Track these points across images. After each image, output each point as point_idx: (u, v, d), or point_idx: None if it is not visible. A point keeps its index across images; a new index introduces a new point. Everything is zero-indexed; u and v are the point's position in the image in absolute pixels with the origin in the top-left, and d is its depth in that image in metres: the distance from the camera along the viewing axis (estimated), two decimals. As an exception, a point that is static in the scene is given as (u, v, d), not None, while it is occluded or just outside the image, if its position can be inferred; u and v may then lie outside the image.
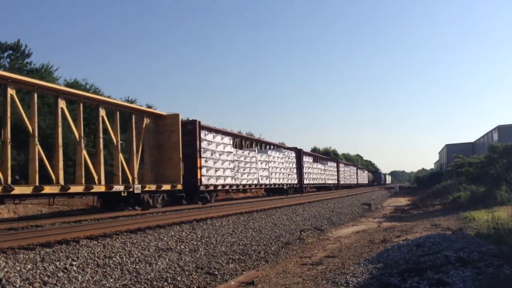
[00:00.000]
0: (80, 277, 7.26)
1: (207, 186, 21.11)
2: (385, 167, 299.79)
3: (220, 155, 22.68)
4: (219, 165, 22.51)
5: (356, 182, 70.30)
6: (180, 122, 19.30)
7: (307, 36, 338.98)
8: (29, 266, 7.12)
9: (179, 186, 18.72)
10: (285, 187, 33.92)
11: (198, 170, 20.12)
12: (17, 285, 6.42)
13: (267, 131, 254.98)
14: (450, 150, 65.84)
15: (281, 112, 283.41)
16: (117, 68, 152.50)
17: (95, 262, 8.06)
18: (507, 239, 8.34)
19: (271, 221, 16.13)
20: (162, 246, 10.02)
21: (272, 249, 11.94)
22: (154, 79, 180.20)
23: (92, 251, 8.55)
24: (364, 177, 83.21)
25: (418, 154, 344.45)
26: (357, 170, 74.39)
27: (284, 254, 11.45)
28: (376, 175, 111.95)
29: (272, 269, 9.42)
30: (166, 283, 7.88)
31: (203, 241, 11.30)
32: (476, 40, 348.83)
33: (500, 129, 48.94)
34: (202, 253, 10.31)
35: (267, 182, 30.08)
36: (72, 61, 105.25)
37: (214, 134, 22.47)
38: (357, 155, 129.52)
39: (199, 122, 20.93)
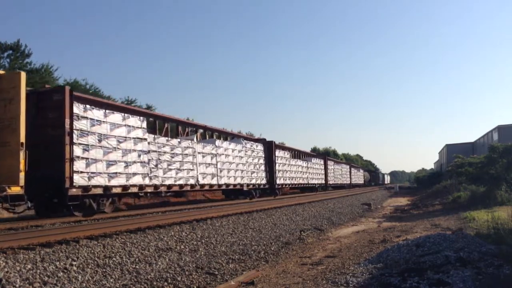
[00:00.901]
0: (80, 277, 7.26)
1: (87, 188, 14.13)
2: (385, 167, 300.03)
3: (119, 142, 15.76)
4: (115, 157, 15.52)
5: (349, 182, 64.31)
6: (23, 86, 11.77)
7: (307, 36, 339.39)
8: (29, 266, 7.12)
9: (16, 189, 11.25)
10: (245, 188, 26.71)
11: (67, 164, 13.44)
12: (17, 285, 6.42)
13: (267, 131, 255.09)
14: (450, 150, 65.87)
15: (281, 112, 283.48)
16: (117, 68, 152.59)
17: (95, 262, 8.06)
18: (507, 239, 8.34)
19: (271, 221, 16.14)
20: (162, 246, 10.02)
21: (272, 249, 11.94)
22: (154, 79, 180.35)
23: (92, 251, 8.55)
24: (359, 176, 76.88)
25: (418, 154, 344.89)
26: (350, 169, 67.40)
27: (284, 254, 11.45)
28: (373, 175, 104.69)
29: (272, 269, 9.43)
30: (166, 283, 7.88)
31: (203, 241, 11.30)
32: (476, 40, 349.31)
33: (500, 129, 48.94)
34: (202, 253, 10.31)
35: (215, 182, 22.87)
36: (72, 61, 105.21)
37: (106, 112, 15.43)
38: (357, 155, 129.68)
39: (70, 90, 14.21)
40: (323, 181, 47.50)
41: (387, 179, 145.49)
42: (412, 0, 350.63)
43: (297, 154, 41.86)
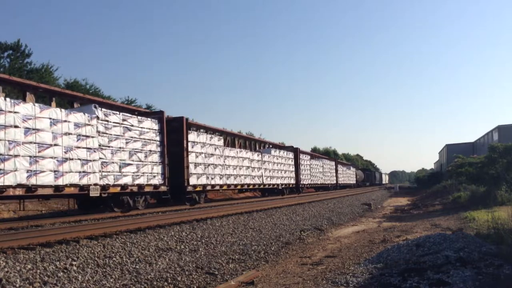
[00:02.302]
0: (80, 277, 7.26)
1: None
2: (385, 167, 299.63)
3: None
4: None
5: (335, 182, 51.90)
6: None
7: (307, 37, 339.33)
8: (29, 266, 7.12)
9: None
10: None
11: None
12: (17, 285, 6.42)
13: (267, 131, 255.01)
14: (450, 150, 65.89)
15: (281, 112, 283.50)
16: (117, 68, 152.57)
17: (95, 262, 8.06)
18: (507, 239, 8.33)
19: (271, 221, 16.13)
20: (162, 246, 10.02)
21: (272, 249, 11.94)
22: (154, 79, 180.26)
23: (92, 251, 8.55)
24: (349, 175, 65.28)
25: (418, 154, 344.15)
26: (336, 166, 54.22)
27: (284, 254, 11.45)
28: (368, 174, 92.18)
29: (272, 269, 9.43)
30: (166, 283, 7.88)
31: (203, 241, 11.30)
32: (476, 40, 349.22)
33: (500, 129, 48.94)
34: (202, 253, 10.31)
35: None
36: (72, 61, 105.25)
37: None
38: (357, 155, 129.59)
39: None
40: (293, 181, 36.42)
41: (385, 179, 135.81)
42: (412, 0, 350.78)
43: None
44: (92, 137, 14.24)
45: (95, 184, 14.08)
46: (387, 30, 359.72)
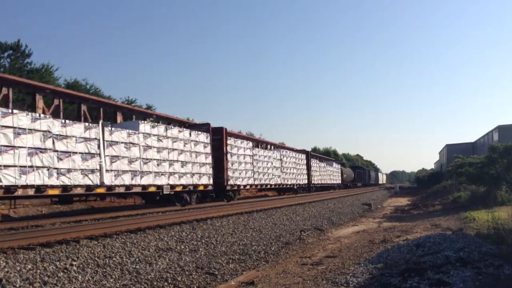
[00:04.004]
0: (80, 277, 7.27)
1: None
2: (385, 167, 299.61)
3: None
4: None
5: (305, 182, 39.69)
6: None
7: (307, 37, 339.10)
8: (29, 266, 7.12)
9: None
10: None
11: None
12: (17, 285, 6.42)
13: (267, 131, 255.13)
14: (450, 150, 65.91)
15: (281, 112, 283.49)
16: (117, 68, 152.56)
17: (95, 262, 8.07)
18: (507, 239, 8.33)
19: (271, 221, 16.14)
20: (162, 246, 10.02)
21: (272, 249, 11.94)
22: (154, 79, 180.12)
23: (92, 251, 8.55)
24: (331, 173, 51.37)
25: (418, 154, 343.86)
26: (308, 161, 41.05)
27: (284, 254, 11.45)
28: (360, 172, 78.60)
29: (272, 269, 9.42)
30: (166, 283, 7.88)
31: (203, 241, 11.30)
32: (477, 40, 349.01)
33: (501, 129, 48.94)
34: (202, 253, 10.31)
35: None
36: (73, 61, 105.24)
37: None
38: (357, 155, 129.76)
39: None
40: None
41: (383, 179, 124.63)
42: (412, 0, 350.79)
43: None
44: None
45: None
46: (387, 30, 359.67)
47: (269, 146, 38.51)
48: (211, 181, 21.89)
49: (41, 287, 6.57)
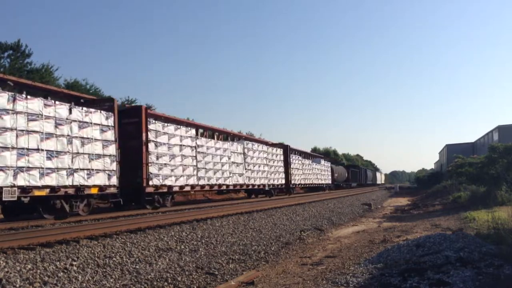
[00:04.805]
0: (80, 277, 7.27)
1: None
2: (385, 167, 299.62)
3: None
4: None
5: (283, 182, 33.27)
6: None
7: (307, 37, 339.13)
8: (29, 266, 7.12)
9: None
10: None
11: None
12: (17, 285, 6.42)
13: (267, 131, 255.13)
14: (450, 150, 65.89)
15: (281, 112, 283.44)
16: (118, 68, 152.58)
17: (95, 262, 8.07)
18: (507, 239, 8.33)
19: (271, 221, 16.14)
20: (162, 246, 10.02)
21: (272, 249, 11.94)
22: (154, 80, 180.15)
23: (92, 251, 8.55)
24: (320, 172, 45.87)
25: (418, 154, 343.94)
26: (287, 158, 34.66)
27: (284, 254, 11.45)
28: (354, 172, 72.27)
29: (272, 269, 9.42)
30: (166, 283, 7.88)
31: (203, 241, 11.30)
32: (477, 40, 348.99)
33: (501, 129, 48.95)
34: (202, 253, 10.31)
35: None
36: (73, 61, 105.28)
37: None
38: (357, 155, 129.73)
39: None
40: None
41: (381, 178, 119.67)
42: (412, 0, 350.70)
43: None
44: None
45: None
46: (387, 30, 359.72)
47: (231, 138, 29.02)
48: (114, 181, 15.57)
49: (41, 287, 6.57)
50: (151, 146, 17.60)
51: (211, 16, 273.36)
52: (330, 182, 51.03)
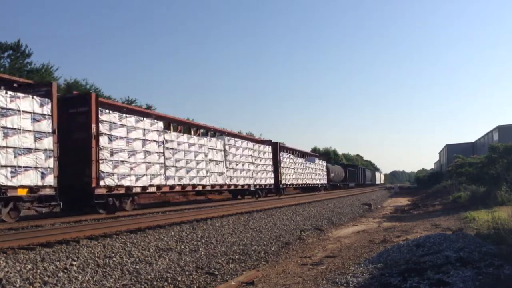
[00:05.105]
0: (80, 277, 7.27)
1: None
2: (385, 167, 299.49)
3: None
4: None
5: (272, 182, 31.05)
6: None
7: (307, 37, 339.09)
8: (29, 266, 7.12)
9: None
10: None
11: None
12: (17, 285, 6.42)
13: (267, 131, 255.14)
14: (450, 150, 65.88)
15: (281, 112, 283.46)
16: (118, 68, 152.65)
17: (95, 262, 8.07)
18: (507, 239, 8.33)
19: (271, 221, 16.14)
20: (162, 246, 10.02)
21: (272, 249, 11.94)
22: (154, 80, 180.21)
23: (92, 251, 8.55)
24: (315, 172, 43.79)
25: (418, 154, 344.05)
26: (277, 156, 32.39)
27: (284, 254, 11.45)
28: (352, 171, 69.36)
29: (272, 269, 9.43)
30: (166, 283, 7.88)
31: (203, 241, 11.30)
32: (476, 40, 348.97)
33: (501, 129, 48.95)
34: (202, 253, 10.31)
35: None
36: (73, 61, 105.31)
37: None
38: (357, 155, 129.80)
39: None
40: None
41: (380, 178, 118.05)
42: (412, 0, 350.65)
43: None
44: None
45: None
46: (387, 30, 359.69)
47: (212, 134, 26.27)
48: (50, 181, 12.87)
49: (41, 287, 6.57)
50: (103, 140, 14.95)
51: (211, 16, 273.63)
52: (325, 182, 48.88)
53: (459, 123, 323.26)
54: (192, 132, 23.54)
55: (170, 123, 21.60)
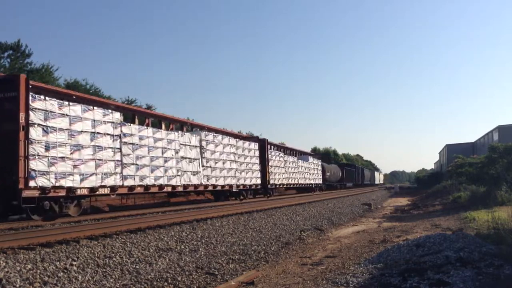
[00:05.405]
0: (80, 277, 7.26)
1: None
2: (385, 167, 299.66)
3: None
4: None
5: (258, 182, 28.48)
6: None
7: (307, 37, 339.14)
8: (29, 266, 7.12)
9: None
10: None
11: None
12: (17, 285, 6.42)
13: (267, 131, 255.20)
14: (450, 150, 65.93)
15: (281, 112, 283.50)
16: (117, 68, 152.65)
17: (95, 262, 8.07)
18: (507, 239, 8.33)
19: (271, 221, 16.14)
20: (162, 246, 10.02)
21: (272, 249, 11.94)
22: (154, 80, 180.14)
23: (92, 251, 8.55)
24: (308, 171, 41.28)
25: (418, 154, 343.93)
26: (264, 153, 29.97)
27: (284, 254, 11.45)
28: (350, 171, 66.49)
29: (272, 269, 9.43)
30: (166, 283, 7.88)
31: (203, 241, 11.30)
32: (476, 40, 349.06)
33: (501, 129, 48.99)
34: (202, 253, 10.32)
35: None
36: (73, 61, 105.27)
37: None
38: (357, 155, 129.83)
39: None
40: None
41: (379, 178, 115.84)
42: (412, 0, 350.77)
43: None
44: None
45: None
46: (387, 30, 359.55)
47: (187, 129, 24.31)
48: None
49: (41, 287, 6.57)
50: (35, 132, 12.40)
51: (211, 16, 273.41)
52: (320, 182, 45.75)
53: (459, 123, 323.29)
54: (164, 126, 21.21)
55: (135, 116, 19.81)
